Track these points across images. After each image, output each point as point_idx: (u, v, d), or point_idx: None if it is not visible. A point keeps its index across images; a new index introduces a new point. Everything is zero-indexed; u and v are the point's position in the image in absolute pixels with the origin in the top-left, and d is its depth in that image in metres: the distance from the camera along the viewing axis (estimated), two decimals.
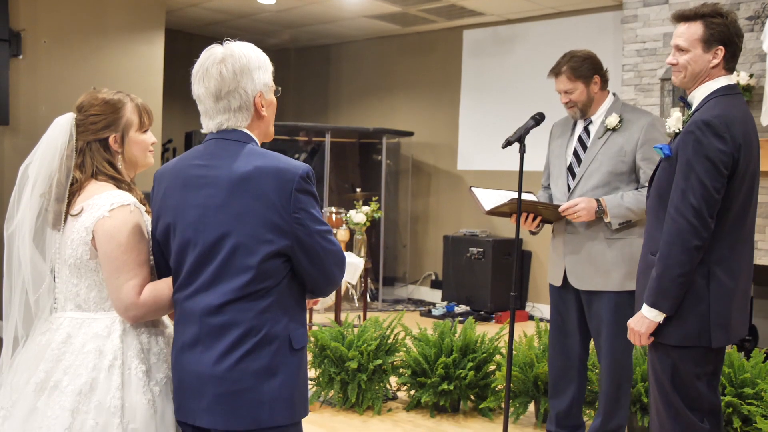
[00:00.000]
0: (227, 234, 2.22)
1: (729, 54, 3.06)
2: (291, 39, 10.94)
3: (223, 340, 2.23)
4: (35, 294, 2.51)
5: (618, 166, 3.99)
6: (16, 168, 2.54)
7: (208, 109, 2.35)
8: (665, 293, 2.99)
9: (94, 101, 2.53)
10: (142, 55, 7.77)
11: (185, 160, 2.36)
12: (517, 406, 4.88)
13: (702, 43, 3.04)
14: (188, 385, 2.29)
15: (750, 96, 5.66)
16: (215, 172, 2.27)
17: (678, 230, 2.95)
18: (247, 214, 2.22)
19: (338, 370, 5.09)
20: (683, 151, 2.98)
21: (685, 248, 2.94)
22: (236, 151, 2.29)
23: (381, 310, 9.05)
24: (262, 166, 2.24)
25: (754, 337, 6.26)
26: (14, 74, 6.85)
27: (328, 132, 9.37)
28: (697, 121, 2.96)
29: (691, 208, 2.93)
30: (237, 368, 2.22)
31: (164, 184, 2.35)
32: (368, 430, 4.81)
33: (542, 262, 8.79)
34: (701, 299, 3.00)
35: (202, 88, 2.32)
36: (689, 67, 3.08)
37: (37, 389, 2.36)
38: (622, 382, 4.10)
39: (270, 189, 2.22)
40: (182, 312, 2.31)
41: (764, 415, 4.12)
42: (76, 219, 2.42)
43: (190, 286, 2.28)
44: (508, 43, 9.09)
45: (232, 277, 2.23)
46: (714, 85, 3.07)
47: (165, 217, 2.32)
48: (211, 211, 2.24)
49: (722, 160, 2.92)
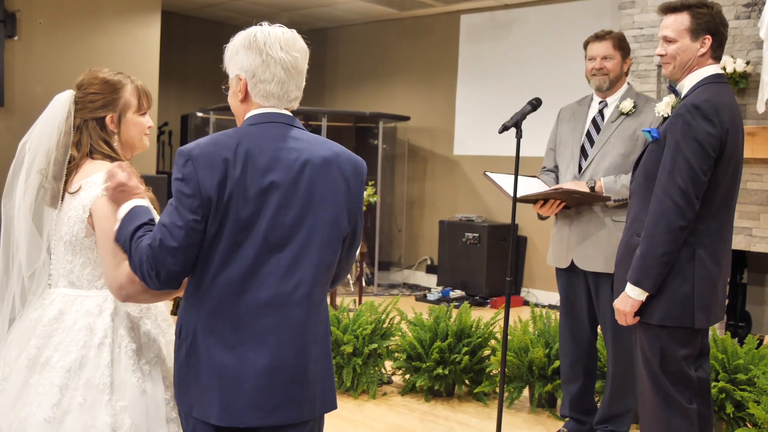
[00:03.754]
0: (307, 216, 2.15)
1: (716, 43, 3.13)
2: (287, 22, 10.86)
3: (299, 330, 2.15)
4: (30, 270, 2.52)
5: (630, 149, 4.04)
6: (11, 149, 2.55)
7: (289, 86, 2.23)
8: (648, 272, 3.04)
9: (94, 80, 2.53)
10: (138, 36, 7.74)
11: (253, 140, 2.15)
12: (512, 390, 4.90)
13: (689, 32, 3.10)
14: (248, 384, 2.11)
15: (746, 83, 5.66)
16: (294, 155, 2.16)
17: (664, 210, 3.00)
18: (328, 197, 2.18)
19: (333, 354, 5.09)
20: (672, 133, 3.04)
21: (670, 228, 2.99)
22: (307, 135, 2.26)
23: (376, 294, 9.07)
24: (340, 153, 2.24)
25: (747, 324, 6.28)
26: (9, 55, 6.83)
27: (325, 116, 9.35)
28: (687, 104, 3.02)
29: (678, 189, 2.98)
30: (312, 359, 2.18)
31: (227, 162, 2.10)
32: (363, 413, 4.82)
33: (538, 248, 8.80)
34: (686, 280, 3.05)
35: (290, 57, 2.21)
36: (678, 57, 3.14)
37: (29, 365, 2.37)
38: (630, 365, 4.13)
39: (350, 175, 2.24)
40: (233, 304, 2.12)
41: (757, 400, 4.14)
42: (74, 197, 2.42)
43: (252, 273, 2.12)
44: (505, 28, 9.07)
45: (310, 263, 2.15)
46: (703, 74, 3.14)
47: (232, 198, 2.10)
48: (292, 192, 2.13)
49: (710, 143, 2.98)
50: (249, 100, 2.23)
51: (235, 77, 2.24)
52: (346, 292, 8.82)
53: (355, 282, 8.98)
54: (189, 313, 2.17)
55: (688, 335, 3.12)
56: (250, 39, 2.21)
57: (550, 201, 4.06)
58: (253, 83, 2.20)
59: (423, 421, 4.72)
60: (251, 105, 2.23)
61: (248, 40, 2.20)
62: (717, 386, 4.27)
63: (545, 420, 4.80)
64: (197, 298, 2.15)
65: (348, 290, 9.00)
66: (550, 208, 4.08)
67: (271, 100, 2.22)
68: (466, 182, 9.55)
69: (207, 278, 2.12)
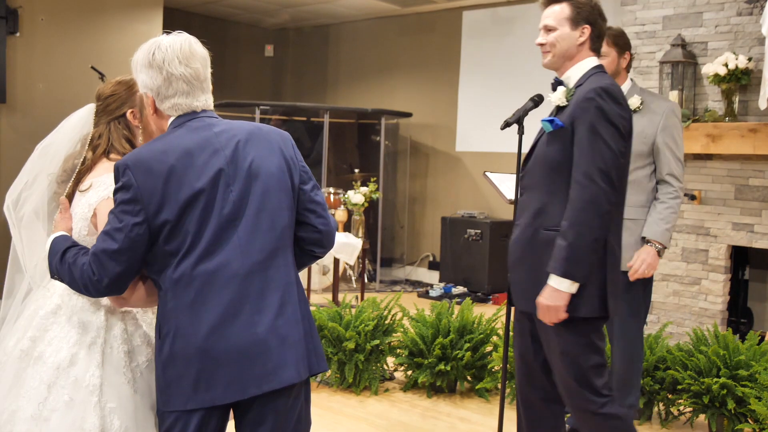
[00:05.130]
0: (252, 185, 2.27)
1: (594, 34, 3.13)
2: (290, 19, 10.89)
3: (274, 295, 2.27)
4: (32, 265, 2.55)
5: (638, 146, 4.01)
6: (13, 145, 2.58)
7: (192, 93, 2.34)
8: (579, 261, 2.91)
9: (108, 85, 2.63)
10: (140, 33, 7.73)
11: (182, 138, 2.28)
12: (514, 387, 4.90)
13: (569, 21, 3.11)
14: (241, 355, 2.20)
15: (748, 80, 5.65)
16: (222, 137, 2.30)
17: (590, 196, 2.91)
18: (269, 161, 2.31)
19: (335, 351, 5.10)
20: (583, 118, 2.97)
21: (599, 213, 2.91)
22: (222, 120, 2.38)
23: (378, 290, 9.07)
24: (260, 126, 2.40)
25: (749, 320, 6.28)
26: (11, 52, 6.82)
27: (327, 112, 9.35)
28: (596, 88, 2.98)
29: (600, 173, 2.91)
30: (293, 320, 2.29)
31: (166, 163, 2.22)
32: (365, 410, 4.83)
33: None
34: (600, 269, 2.98)
35: (190, 70, 2.31)
36: (558, 45, 3.13)
37: (23, 356, 2.40)
38: (633, 362, 4.14)
39: (278, 140, 2.38)
40: (209, 283, 2.21)
41: (758, 396, 4.15)
42: (84, 195, 2.46)
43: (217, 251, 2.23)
44: (507, 24, 9.06)
45: (268, 227, 2.28)
46: (588, 64, 3.14)
47: (180, 192, 2.21)
48: (231, 169, 2.26)
49: (623, 125, 2.98)
50: (160, 114, 2.35)
51: (143, 93, 2.35)
52: (349, 288, 8.83)
53: (357, 278, 8.98)
54: (167, 309, 2.23)
55: (602, 325, 3.09)
56: (149, 58, 2.30)
57: None
58: (159, 100, 2.32)
59: (425, 418, 4.73)
60: (164, 117, 2.35)
61: (148, 60, 2.30)
62: (718, 382, 4.27)
63: None
64: (172, 292, 2.22)
65: (350, 286, 9.01)
66: None
67: (181, 109, 2.33)
68: (468, 179, 9.55)
69: (177, 269, 2.21)
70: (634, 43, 6.36)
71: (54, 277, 2.34)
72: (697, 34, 6.05)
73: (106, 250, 2.19)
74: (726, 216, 5.91)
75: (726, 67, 5.62)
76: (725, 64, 5.62)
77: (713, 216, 5.97)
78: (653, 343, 4.69)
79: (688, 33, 6.09)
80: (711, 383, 4.30)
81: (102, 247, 2.20)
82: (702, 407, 4.41)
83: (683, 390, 4.47)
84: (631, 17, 6.42)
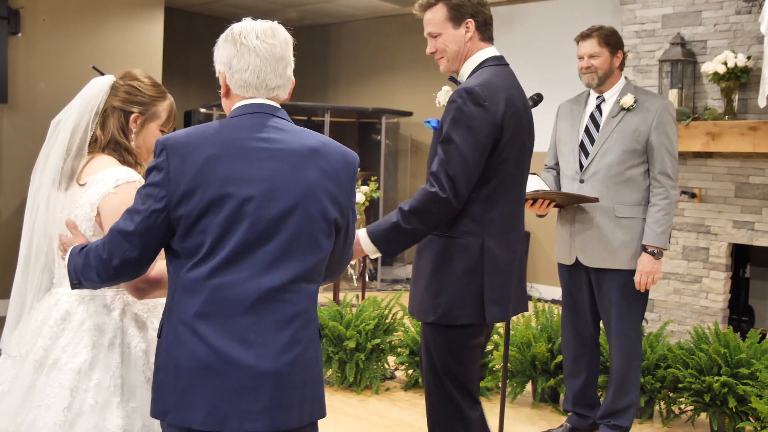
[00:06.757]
0: (296, 207, 2.06)
1: (480, 24, 3.04)
2: (292, 18, 10.90)
3: (285, 329, 2.05)
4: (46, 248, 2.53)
5: (632, 144, 4.03)
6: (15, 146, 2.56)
7: (266, 73, 2.15)
8: (393, 244, 2.95)
9: (143, 77, 2.57)
10: (142, 33, 7.74)
11: (233, 131, 2.11)
12: (515, 385, 4.91)
13: (450, 21, 3.02)
14: (233, 385, 2.01)
15: (747, 78, 5.66)
16: (279, 145, 2.09)
17: (430, 197, 2.86)
18: (317, 188, 2.09)
19: (336, 350, 5.11)
20: (445, 120, 2.92)
21: (431, 216, 2.88)
22: (290, 125, 2.16)
23: (379, 289, 9.08)
24: (328, 143, 2.16)
25: (750, 318, 6.29)
26: (13, 52, 6.83)
27: (328, 111, 9.36)
28: (460, 90, 2.91)
29: (447, 178, 2.85)
30: (300, 361, 2.06)
31: (205, 152, 2.05)
32: (366, 409, 4.84)
33: (541, 243, 8.80)
34: (476, 275, 2.93)
35: (265, 44, 2.14)
36: (448, 49, 3.05)
37: (36, 366, 2.36)
38: (632, 360, 4.15)
39: (340, 167, 2.15)
40: (217, 301, 2.03)
41: (759, 395, 4.16)
42: (81, 191, 2.42)
43: (236, 266, 2.03)
44: (507, 23, 9.06)
45: (299, 255, 2.07)
46: (480, 57, 3.05)
47: (204, 189, 2.03)
48: (279, 183, 2.05)
49: (482, 129, 2.86)
50: (231, 94, 2.19)
51: (219, 74, 2.22)
52: (349, 288, 8.83)
53: (358, 277, 8.99)
54: (171, 311, 2.09)
55: (478, 330, 3.04)
56: (228, 32, 2.18)
57: (539, 200, 4.05)
58: (230, 74, 2.16)
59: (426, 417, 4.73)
60: (234, 98, 2.19)
61: (226, 34, 2.18)
62: (719, 380, 4.28)
63: (548, 415, 4.81)
64: (180, 295, 2.07)
65: (351, 285, 9.01)
66: (539, 207, 4.07)
67: (250, 90, 2.15)
68: None
69: (189, 273, 2.05)
70: (634, 41, 6.37)
71: (74, 284, 2.22)
72: (696, 33, 6.06)
73: (122, 230, 2.06)
74: (726, 214, 5.92)
75: (725, 65, 5.62)
76: (724, 63, 5.63)
77: (714, 214, 5.98)
78: (654, 342, 4.70)
79: (688, 31, 6.09)
80: (712, 381, 4.31)
81: (119, 226, 2.08)
82: (703, 406, 4.42)
83: (684, 388, 4.47)
84: (631, 16, 6.42)
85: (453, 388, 3.03)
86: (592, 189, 4.09)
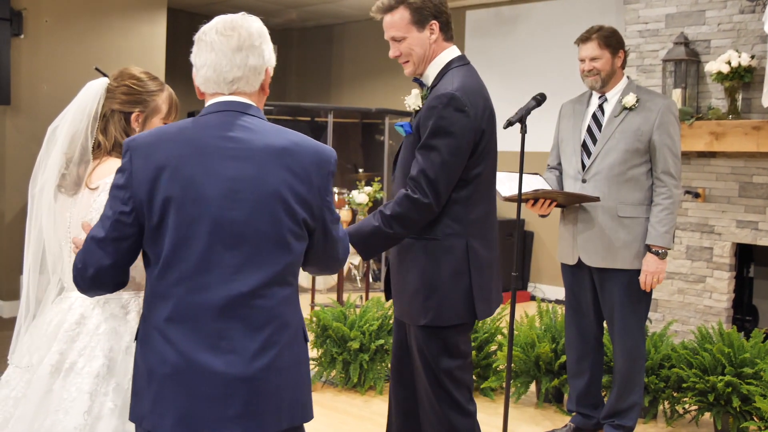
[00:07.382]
0: (261, 209, 1.98)
1: (443, 24, 3.02)
2: (294, 19, 10.91)
3: (257, 335, 1.99)
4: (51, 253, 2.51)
5: (634, 144, 4.02)
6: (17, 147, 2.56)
7: (222, 66, 2.07)
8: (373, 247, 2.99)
9: (137, 72, 2.55)
10: (144, 34, 7.75)
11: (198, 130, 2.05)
12: (519, 386, 4.91)
13: (414, 24, 3.00)
14: (204, 392, 1.96)
15: (751, 77, 5.64)
16: (244, 144, 2.01)
17: (412, 203, 2.89)
18: (283, 188, 2.01)
19: (340, 351, 5.11)
20: (425, 124, 2.91)
21: (413, 221, 2.91)
22: (261, 124, 2.08)
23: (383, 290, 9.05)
24: (300, 142, 2.07)
25: (754, 318, 6.27)
26: (15, 54, 6.84)
27: (331, 112, 9.35)
28: (440, 95, 2.90)
29: (428, 182, 2.87)
30: (273, 366, 2.00)
31: (166, 152, 2.00)
32: (370, 409, 4.83)
33: (544, 243, 8.79)
34: (462, 275, 2.96)
35: (222, 37, 2.08)
36: (414, 52, 3.04)
37: (52, 371, 2.34)
38: (636, 360, 4.15)
39: (311, 167, 2.06)
40: (186, 307, 1.98)
41: (763, 394, 4.15)
42: (93, 195, 2.41)
43: (203, 271, 1.97)
44: (510, 23, 9.06)
45: (268, 258, 2.00)
46: (445, 58, 3.04)
47: (165, 191, 1.97)
48: (243, 184, 1.98)
49: (465, 135, 2.88)
50: (202, 94, 2.15)
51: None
52: (353, 288, 8.83)
53: (362, 278, 8.98)
54: (146, 316, 2.06)
55: (468, 329, 3.08)
56: (197, 35, 2.14)
57: (540, 200, 4.05)
58: (195, 73, 2.12)
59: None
60: (206, 97, 2.14)
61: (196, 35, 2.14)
62: (723, 380, 4.27)
63: (552, 415, 4.81)
64: (152, 299, 2.03)
65: (355, 286, 9.01)
66: (540, 207, 4.07)
67: (210, 86, 2.09)
68: None
69: (159, 277, 2.00)
70: (637, 41, 6.36)
71: None
72: (699, 32, 6.05)
73: (94, 237, 2.02)
74: (730, 213, 5.91)
75: (729, 64, 5.61)
76: (728, 62, 5.62)
77: (717, 214, 5.97)
78: (658, 342, 4.69)
79: (691, 31, 6.08)
80: (716, 381, 4.30)
81: (92, 233, 2.03)
82: (707, 405, 4.41)
83: (688, 388, 4.47)
84: (634, 15, 6.42)
85: (451, 387, 3.05)
86: (594, 189, 4.08)
